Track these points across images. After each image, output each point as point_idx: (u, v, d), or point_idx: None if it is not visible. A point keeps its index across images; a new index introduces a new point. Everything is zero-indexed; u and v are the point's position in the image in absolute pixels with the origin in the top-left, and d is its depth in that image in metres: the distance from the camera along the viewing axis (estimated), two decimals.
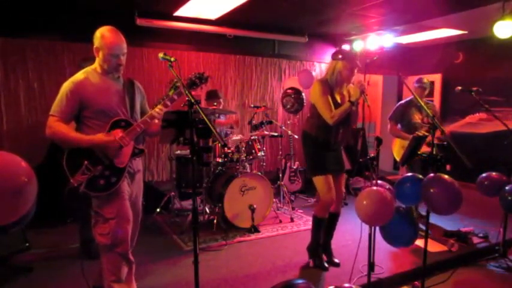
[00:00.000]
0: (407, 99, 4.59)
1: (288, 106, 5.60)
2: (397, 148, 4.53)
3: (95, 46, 2.22)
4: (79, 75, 2.23)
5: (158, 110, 2.30)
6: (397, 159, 4.56)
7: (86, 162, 2.14)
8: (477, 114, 3.83)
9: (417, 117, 4.43)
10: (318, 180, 3.08)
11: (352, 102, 2.89)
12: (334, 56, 3.03)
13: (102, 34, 2.19)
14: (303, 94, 5.56)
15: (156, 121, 2.37)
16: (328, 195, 3.05)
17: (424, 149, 4.19)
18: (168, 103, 2.32)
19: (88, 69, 2.28)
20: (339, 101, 3.04)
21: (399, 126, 4.56)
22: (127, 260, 2.31)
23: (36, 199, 1.58)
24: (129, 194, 2.37)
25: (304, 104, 5.57)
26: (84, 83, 2.20)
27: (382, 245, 2.84)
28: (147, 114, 2.32)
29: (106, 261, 2.29)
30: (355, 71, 3.02)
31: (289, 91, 5.60)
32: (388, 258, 3.31)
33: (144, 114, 2.38)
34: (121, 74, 2.35)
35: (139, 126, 2.26)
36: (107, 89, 2.25)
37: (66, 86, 2.18)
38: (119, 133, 2.21)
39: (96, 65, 2.28)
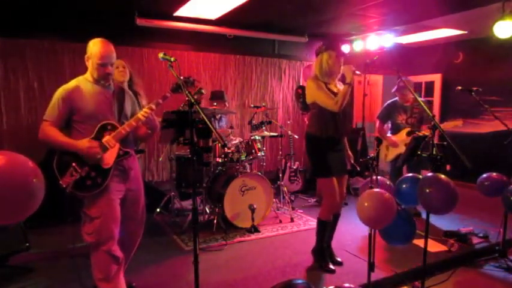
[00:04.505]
0: (393, 99, 4.63)
1: (299, 105, 5.55)
2: (382, 149, 4.58)
3: (86, 55, 2.36)
4: (71, 83, 2.37)
5: (143, 113, 2.41)
6: (382, 159, 4.61)
7: (73, 163, 2.26)
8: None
9: (401, 118, 4.49)
10: (323, 183, 3.07)
11: (349, 84, 2.90)
12: (318, 50, 3.08)
13: (93, 44, 2.34)
14: None
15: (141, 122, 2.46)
16: (333, 197, 3.04)
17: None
18: (160, 101, 2.45)
19: (80, 77, 2.42)
20: (336, 91, 3.04)
21: (387, 125, 4.63)
22: (113, 257, 2.37)
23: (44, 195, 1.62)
24: (123, 192, 2.46)
25: None
26: (75, 90, 2.33)
27: (382, 245, 2.85)
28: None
29: (93, 260, 2.38)
30: (342, 59, 3.04)
31: (299, 90, 5.54)
32: (388, 258, 3.31)
33: None
34: (111, 82, 2.46)
35: (124, 129, 2.38)
36: (96, 96, 2.37)
37: (58, 93, 2.33)
38: (105, 137, 2.34)
39: (87, 74, 2.41)
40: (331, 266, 3.14)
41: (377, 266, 2.64)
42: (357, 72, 2.90)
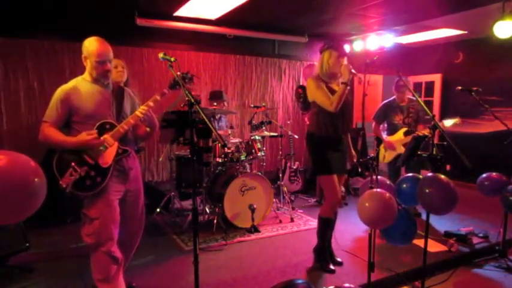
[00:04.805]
0: (389, 99, 4.65)
1: (300, 105, 5.56)
2: (381, 148, 4.60)
3: (83, 55, 2.35)
4: (69, 84, 2.37)
5: (141, 110, 2.40)
6: (381, 160, 4.63)
7: (72, 163, 2.26)
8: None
9: (398, 118, 4.51)
10: (324, 180, 3.07)
11: (345, 83, 2.89)
12: (321, 49, 3.09)
13: (88, 43, 2.33)
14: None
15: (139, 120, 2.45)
16: (334, 194, 3.04)
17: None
18: (158, 97, 2.43)
19: (78, 78, 2.42)
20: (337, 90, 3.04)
21: (383, 126, 4.66)
22: (113, 258, 2.37)
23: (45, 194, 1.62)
24: (122, 192, 2.46)
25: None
26: (73, 90, 2.34)
27: (382, 245, 2.85)
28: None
29: (93, 260, 2.38)
30: (344, 59, 3.03)
31: (299, 90, 5.56)
32: (388, 258, 3.31)
33: None
34: (110, 80, 2.46)
35: (123, 127, 2.37)
36: (95, 96, 2.37)
37: (57, 93, 2.33)
38: (104, 136, 2.33)
39: (85, 74, 2.41)
40: (331, 266, 3.14)
41: (377, 266, 2.63)
42: (354, 71, 2.90)
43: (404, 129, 4.41)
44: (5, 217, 1.50)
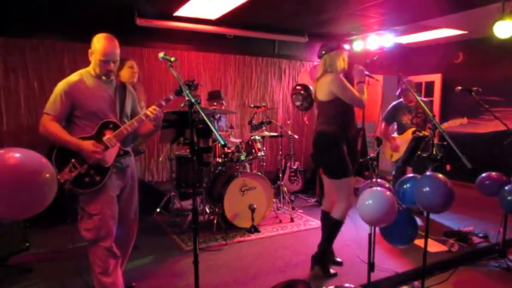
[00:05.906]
0: (398, 101, 4.69)
1: (297, 103, 5.54)
2: (387, 149, 4.65)
3: (90, 50, 2.34)
4: (74, 77, 2.34)
5: (146, 113, 2.40)
6: (388, 158, 4.69)
7: (73, 160, 2.25)
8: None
9: (406, 118, 4.54)
10: (345, 184, 3.00)
11: (363, 82, 2.97)
12: (335, 46, 3.01)
13: (97, 39, 2.31)
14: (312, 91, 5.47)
15: (148, 120, 2.45)
16: (352, 196, 3.03)
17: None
18: (163, 103, 2.43)
19: (83, 71, 2.39)
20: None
21: (392, 127, 4.69)
22: (112, 254, 2.38)
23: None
24: (120, 188, 2.47)
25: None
26: (78, 84, 2.31)
27: (382, 245, 2.85)
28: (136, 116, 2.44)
29: (92, 255, 2.38)
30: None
31: (298, 88, 5.55)
32: (388, 258, 3.31)
33: (136, 116, 2.49)
34: (113, 78, 2.44)
35: (126, 129, 2.37)
36: (99, 92, 2.36)
37: (60, 86, 2.30)
38: (106, 135, 2.32)
39: (90, 67, 2.39)
40: (332, 271, 3.09)
41: (377, 266, 2.64)
42: (367, 72, 2.93)
43: (412, 129, 4.45)
44: (18, 212, 1.52)
